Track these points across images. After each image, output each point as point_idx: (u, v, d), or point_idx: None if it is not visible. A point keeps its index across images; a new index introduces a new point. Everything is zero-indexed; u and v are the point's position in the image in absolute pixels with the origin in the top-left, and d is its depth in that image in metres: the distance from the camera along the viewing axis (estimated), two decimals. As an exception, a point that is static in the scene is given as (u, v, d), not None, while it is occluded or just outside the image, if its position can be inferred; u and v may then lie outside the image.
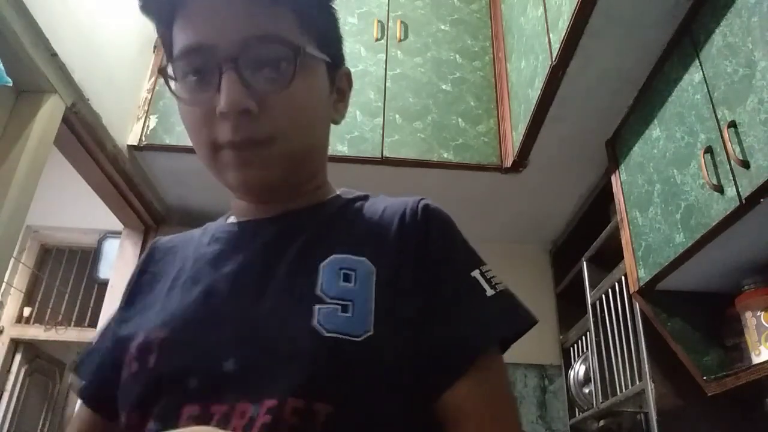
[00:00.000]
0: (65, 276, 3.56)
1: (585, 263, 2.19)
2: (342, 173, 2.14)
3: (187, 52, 0.55)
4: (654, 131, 1.57)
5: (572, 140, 1.99)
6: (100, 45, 1.91)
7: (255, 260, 0.58)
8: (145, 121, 2.19)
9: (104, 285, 2.71)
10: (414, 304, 0.53)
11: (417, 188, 2.28)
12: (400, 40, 2.37)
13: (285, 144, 0.56)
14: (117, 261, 2.51)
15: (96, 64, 1.89)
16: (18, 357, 3.35)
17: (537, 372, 2.49)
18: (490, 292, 0.55)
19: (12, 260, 2.88)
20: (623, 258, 1.73)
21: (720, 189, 1.24)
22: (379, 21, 2.39)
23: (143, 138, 2.16)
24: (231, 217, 0.67)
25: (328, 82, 0.62)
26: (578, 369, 2.23)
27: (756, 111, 1.15)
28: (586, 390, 2.16)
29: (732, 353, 1.49)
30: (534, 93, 1.84)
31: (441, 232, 0.58)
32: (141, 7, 0.58)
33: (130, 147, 2.16)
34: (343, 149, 2.15)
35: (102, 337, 0.64)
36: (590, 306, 2.11)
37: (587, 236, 2.20)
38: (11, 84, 1.51)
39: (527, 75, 1.95)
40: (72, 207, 3.12)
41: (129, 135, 2.16)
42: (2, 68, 1.47)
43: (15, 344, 3.35)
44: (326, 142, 0.66)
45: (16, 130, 1.64)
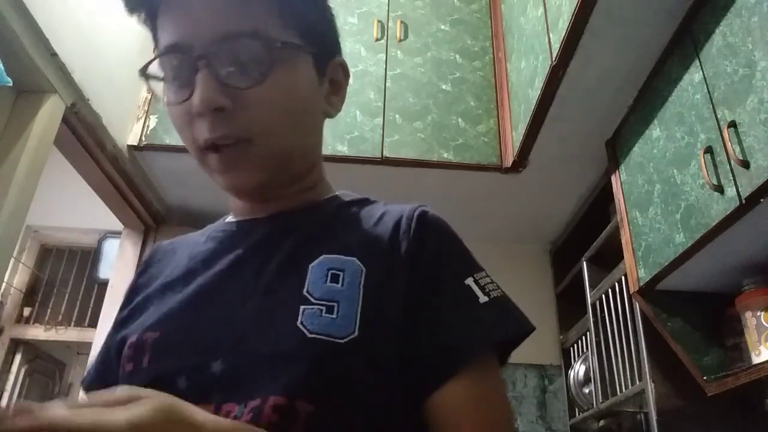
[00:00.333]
0: (65, 276, 3.56)
1: (585, 263, 2.19)
2: (342, 173, 2.16)
3: (166, 53, 0.55)
4: (654, 131, 1.57)
5: (572, 140, 1.99)
6: (100, 45, 1.91)
7: (246, 259, 0.58)
8: (145, 121, 2.20)
9: (104, 285, 2.71)
10: (405, 309, 0.52)
11: (417, 188, 2.29)
12: (400, 40, 2.37)
13: (267, 142, 0.55)
14: (117, 261, 2.51)
15: (96, 64, 1.89)
16: (18, 357, 3.36)
17: (537, 372, 2.49)
18: (483, 299, 0.54)
19: (12, 260, 2.88)
20: (623, 258, 1.73)
21: (720, 189, 1.24)
22: (379, 21, 2.39)
23: (143, 138, 2.17)
24: (229, 217, 0.67)
25: (316, 75, 0.59)
26: (578, 369, 2.23)
27: (756, 111, 1.15)
28: (586, 390, 2.15)
29: (732, 353, 1.49)
30: (534, 93, 1.84)
31: (436, 240, 0.57)
32: (127, 10, 0.58)
33: (130, 147, 2.16)
34: (343, 149, 2.15)
35: (107, 339, 0.65)
36: (590, 306, 2.11)
37: (587, 236, 2.20)
38: (11, 84, 1.51)
39: (527, 75, 1.95)
40: (72, 207, 3.12)
41: (129, 135, 2.16)
42: (2, 68, 1.47)
43: (15, 344, 3.36)
44: (317, 138, 0.64)
45: (16, 130, 1.64)
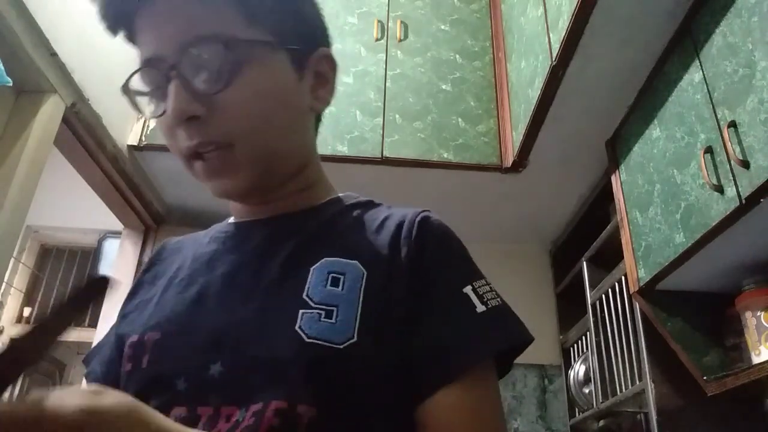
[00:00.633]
0: (65, 276, 3.56)
1: (585, 263, 2.19)
2: (342, 173, 2.16)
3: (143, 67, 0.55)
4: (654, 131, 1.57)
5: (572, 140, 1.99)
6: (100, 45, 1.91)
7: (247, 262, 0.58)
8: (145, 121, 2.19)
9: (104, 285, 2.70)
10: (404, 314, 0.52)
11: (417, 188, 2.29)
12: (400, 40, 2.37)
13: (247, 144, 0.54)
14: (117, 261, 2.51)
15: (96, 64, 1.89)
16: (18, 357, 3.35)
17: (537, 372, 2.49)
18: (481, 309, 0.53)
19: (12, 260, 2.88)
20: (623, 258, 1.73)
21: (720, 189, 1.24)
22: (379, 21, 2.39)
23: (143, 138, 2.17)
24: (232, 218, 0.67)
25: (294, 70, 0.58)
26: (578, 369, 2.23)
27: (756, 111, 1.15)
28: (586, 390, 2.16)
29: (732, 353, 1.49)
30: (534, 93, 1.84)
31: (437, 246, 0.57)
32: (108, 32, 0.58)
33: (130, 147, 2.16)
34: (343, 149, 2.15)
35: (108, 333, 0.65)
36: (590, 306, 2.11)
37: (587, 236, 2.20)
38: (11, 84, 1.51)
39: (527, 75, 1.95)
40: (72, 207, 3.11)
41: (129, 135, 2.16)
42: (2, 68, 1.47)
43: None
44: (304, 135, 0.62)
45: (16, 130, 1.64)
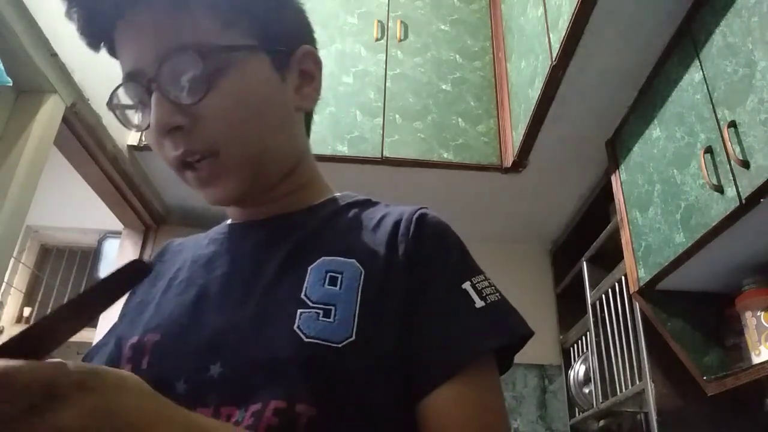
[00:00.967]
0: (65, 276, 3.56)
1: (585, 263, 2.19)
2: (342, 173, 2.16)
3: (125, 82, 0.56)
4: (654, 131, 1.57)
5: (572, 140, 1.99)
6: (100, 45, 1.91)
7: (245, 263, 0.58)
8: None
9: (104, 285, 2.70)
10: (402, 313, 0.52)
11: (417, 188, 2.29)
12: (400, 40, 2.37)
13: (233, 151, 0.54)
14: (117, 261, 2.51)
15: (96, 64, 1.88)
16: (18, 357, 3.35)
17: (537, 372, 2.49)
18: (480, 304, 0.53)
19: (12, 260, 2.88)
20: (623, 258, 1.73)
21: (720, 189, 1.24)
22: (379, 21, 2.39)
23: (143, 138, 2.16)
24: (229, 219, 0.67)
25: (275, 71, 0.58)
26: (578, 369, 2.23)
27: (756, 111, 1.15)
28: (586, 390, 2.16)
29: (732, 353, 1.49)
30: (534, 93, 1.84)
31: (434, 242, 0.57)
32: (90, 48, 0.59)
33: (130, 147, 2.16)
34: (343, 149, 2.15)
35: (109, 332, 0.65)
36: (590, 306, 2.11)
37: (587, 236, 2.20)
38: (11, 84, 1.51)
39: (527, 75, 1.95)
40: (72, 207, 3.11)
41: (129, 135, 2.16)
42: (2, 68, 1.47)
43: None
44: (291, 136, 0.61)
45: (16, 130, 1.64)
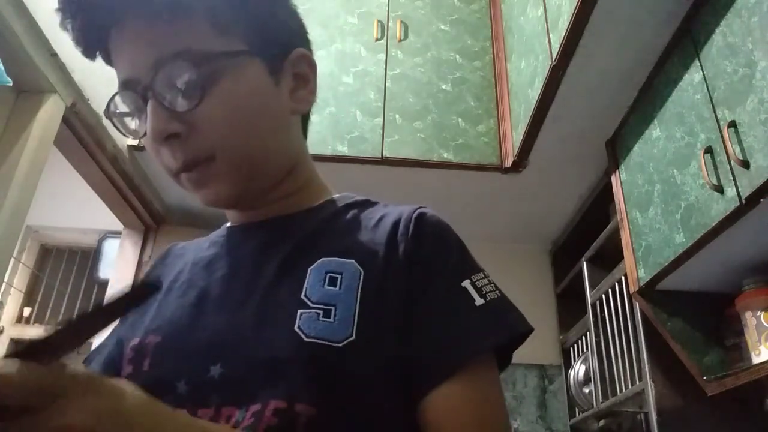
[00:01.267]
0: (65, 276, 3.56)
1: (585, 263, 2.19)
2: (342, 173, 2.16)
3: (120, 90, 0.56)
4: (654, 131, 1.57)
5: (572, 140, 1.99)
6: (100, 45, 1.91)
7: (245, 264, 0.58)
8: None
9: (104, 285, 2.71)
10: (402, 312, 0.52)
11: (417, 188, 2.29)
12: (400, 40, 2.37)
13: (228, 156, 0.54)
14: (117, 261, 2.51)
15: (96, 64, 1.88)
16: (18, 357, 3.35)
17: (537, 372, 2.49)
18: (479, 302, 0.53)
19: (12, 260, 2.88)
20: (623, 258, 1.73)
21: (720, 189, 1.24)
22: (379, 21, 2.39)
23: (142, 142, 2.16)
24: (228, 222, 0.67)
25: (269, 75, 0.58)
26: (578, 369, 2.23)
27: (756, 111, 1.15)
28: (586, 390, 2.16)
29: (732, 353, 1.49)
30: (534, 93, 1.84)
31: (434, 241, 0.57)
32: (85, 56, 0.59)
33: (130, 147, 2.16)
34: (343, 149, 2.15)
35: (110, 335, 0.65)
36: (590, 306, 2.11)
37: (587, 236, 2.20)
38: (11, 84, 1.51)
39: (527, 75, 1.95)
40: (72, 207, 3.11)
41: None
42: (2, 68, 1.47)
43: (15, 344, 3.35)
44: (287, 139, 0.62)
45: (16, 130, 1.64)
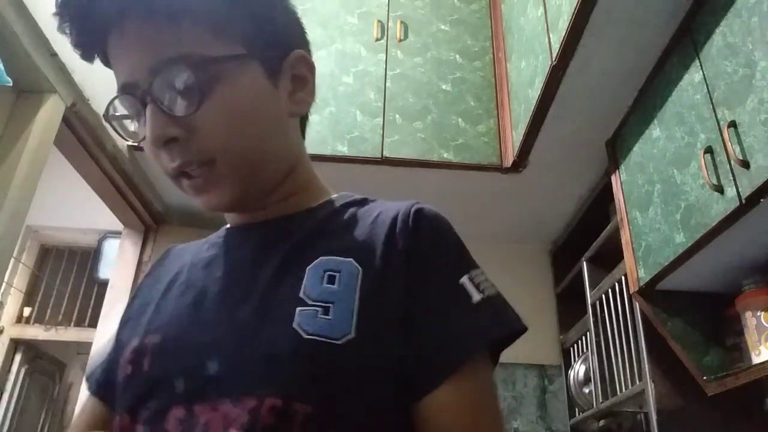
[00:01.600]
0: (65, 276, 3.56)
1: (585, 263, 2.19)
2: (342, 173, 2.16)
3: (119, 94, 0.56)
4: (654, 131, 1.57)
5: (572, 140, 1.99)
6: (100, 45, 1.91)
7: (243, 264, 0.58)
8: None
9: (104, 285, 2.70)
10: (401, 309, 0.52)
11: (417, 188, 2.29)
12: (400, 40, 2.37)
13: (228, 160, 0.55)
14: (117, 261, 2.51)
15: (96, 64, 1.89)
16: (18, 357, 3.36)
17: (537, 372, 2.49)
18: (477, 299, 0.54)
19: (12, 260, 2.88)
20: (623, 258, 1.73)
21: (720, 189, 1.24)
22: (379, 21, 2.39)
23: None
24: (228, 224, 0.67)
25: (267, 78, 0.58)
26: (578, 369, 2.23)
27: (756, 111, 1.15)
28: (586, 390, 2.16)
29: (732, 353, 1.49)
30: (534, 93, 1.84)
31: (431, 238, 0.57)
32: (83, 59, 0.59)
33: (130, 147, 2.16)
34: (343, 149, 2.15)
35: (113, 338, 0.66)
36: (590, 306, 2.11)
37: (587, 236, 2.20)
38: (11, 84, 1.51)
39: (527, 75, 1.95)
40: (72, 207, 3.12)
41: (129, 135, 2.16)
42: (2, 68, 1.47)
43: (15, 344, 3.36)
44: (286, 141, 0.62)
45: (16, 130, 1.64)
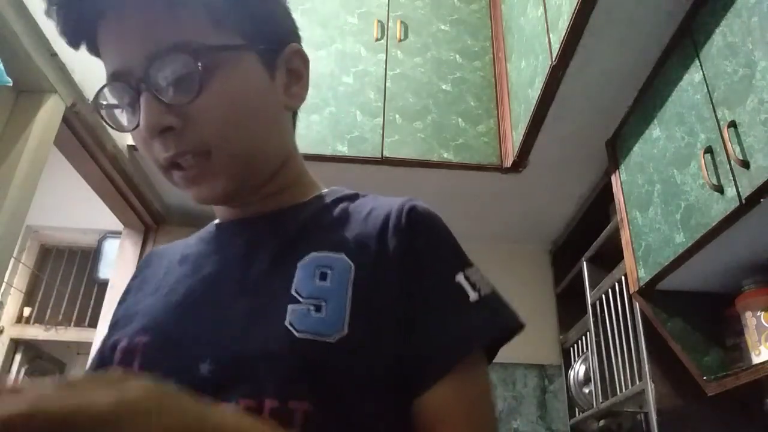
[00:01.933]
0: (65, 276, 3.57)
1: (585, 263, 2.19)
2: (342, 173, 2.17)
3: (110, 82, 0.55)
4: (654, 131, 1.57)
5: (572, 140, 1.99)
6: (100, 45, 1.91)
7: (233, 261, 0.58)
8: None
9: (104, 285, 2.71)
10: (395, 307, 0.52)
11: (417, 188, 2.29)
12: (400, 40, 2.37)
13: (223, 150, 0.54)
14: (117, 261, 2.51)
15: (96, 64, 1.88)
16: (18, 357, 3.36)
17: (537, 372, 2.49)
18: (473, 297, 0.53)
19: (12, 260, 2.88)
20: (623, 258, 1.73)
21: (720, 189, 1.24)
22: (379, 21, 2.39)
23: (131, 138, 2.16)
24: (217, 220, 0.67)
25: (264, 70, 0.57)
26: (578, 369, 2.23)
27: (756, 111, 1.15)
28: (586, 390, 2.16)
29: (732, 353, 1.49)
30: (534, 93, 1.84)
31: (426, 235, 0.56)
32: (69, 45, 0.58)
33: (130, 147, 2.16)
34: (343, 149, 2.15)
35: (102, 342, 0.65)
36: (590, 306, 2.11)
37: (587, 236, 2.20)
38: (11, 84, 1.51)
39: (527, 75, 1.95)
40: (72, 207, 3.12)
41: (129, 135, 2.16)
42: (2, 68, 1.47)
43: (15, 344, 3.36)
44: (280, 135, 0.61)
45: (16, 130, 1.64)
